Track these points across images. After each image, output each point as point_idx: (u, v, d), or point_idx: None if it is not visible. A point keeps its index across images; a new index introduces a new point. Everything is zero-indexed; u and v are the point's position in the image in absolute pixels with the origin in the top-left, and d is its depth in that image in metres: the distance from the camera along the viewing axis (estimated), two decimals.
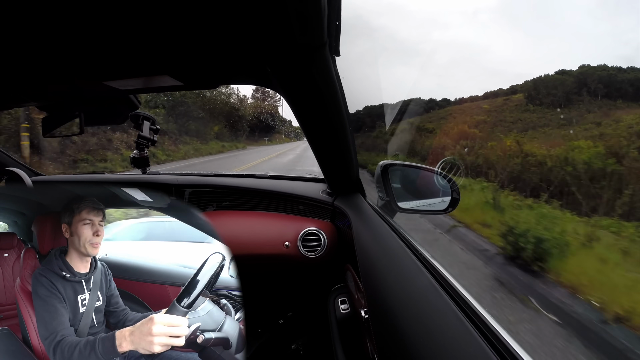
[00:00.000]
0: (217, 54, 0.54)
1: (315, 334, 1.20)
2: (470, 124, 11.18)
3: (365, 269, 0.67)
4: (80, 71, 0.62)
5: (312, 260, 1.03)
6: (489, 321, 0.39)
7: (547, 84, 12.92)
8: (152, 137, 1.21)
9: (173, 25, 0.43)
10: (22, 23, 0.42)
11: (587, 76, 12.15)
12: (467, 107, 14.15)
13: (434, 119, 13.82)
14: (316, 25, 0.40)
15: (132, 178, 1.41)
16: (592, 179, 5.18)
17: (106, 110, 0.93)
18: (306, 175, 1.43)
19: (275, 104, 31.50)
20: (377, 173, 1.05)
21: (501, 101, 14.23)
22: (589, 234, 3.58)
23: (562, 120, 10.90)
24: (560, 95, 12.35)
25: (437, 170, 1.03)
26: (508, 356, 0.33)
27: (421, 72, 19.47)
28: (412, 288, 0.51)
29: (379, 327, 0.51)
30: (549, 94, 12.55)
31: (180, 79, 0.66)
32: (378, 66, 17.47)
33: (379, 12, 42.64)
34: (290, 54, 0.48)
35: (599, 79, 11.86)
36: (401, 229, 0.77)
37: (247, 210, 1.23)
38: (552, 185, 5.57)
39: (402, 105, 9.83)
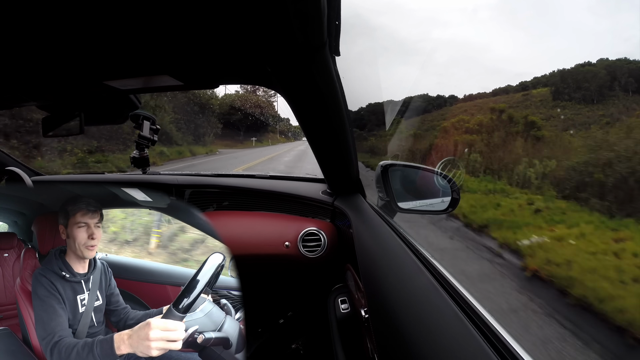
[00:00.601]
0: (217, 53, 0.54)
1: (315, 334, 1.20)
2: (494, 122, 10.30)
3: (365, 268, 0.67)
4: (80, 71, 0.62)
5: (312, 260, 1.03)
6: (489, 321, 0.38)
7: (576, 77, 11.63)
8: (152, 137, 1.21)
9: (173, 25, 0.43)
10: (22, 23, 0.42)
11: (615, 69, 11.03)
12: (483, 103, 13.34)
13: (448, 116, 13.07)
14: (316, 25, 0.40)
15: (132, 178, 1.41)
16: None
17: (106, 110, 0.93)
18: (306, 175, 1.43)
19: (269, 99, 27.12)
20: (377, 173, 1.05)
21: (520, 97, 13.24)
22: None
23: (605, 117, 9.47)
24: (593, 89, 11.08)
25: (437, 170, 1.03)
26: (508, 356, 0.33)
27: (421, 71, 19.43)
28: (412, 288, 0.51)
29: (379, 326, 0.51)
30: (579, 88, 11.36)
31: (180, 78, 0.66)
32: (378, 65, 17.45)
33: (379, 10, 42.64)
34: (290, 54, 0.48)
35: (629, 72, 10.75)
36: (401, 229, 0.77)
37: (247, 211, 1.23)
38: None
39: (408, 104, 9.61)
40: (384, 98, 18.72)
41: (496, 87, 14.34)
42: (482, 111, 11.81)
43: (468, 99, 14.34)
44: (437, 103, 14.63)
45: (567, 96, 11.68)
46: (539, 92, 12.97)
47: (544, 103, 12.23)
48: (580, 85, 11.38)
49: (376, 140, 12.94)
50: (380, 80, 15.72)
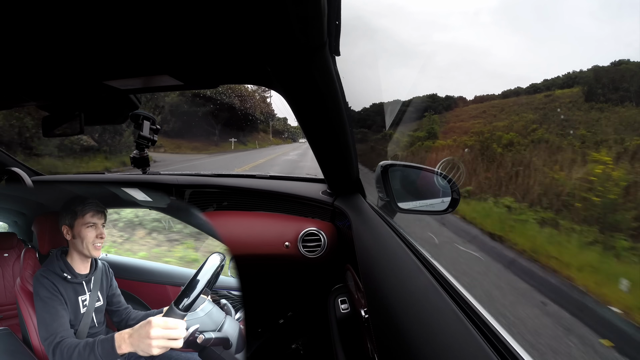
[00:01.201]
0: (217, 53, 0.54)
1: (315, 334, 1.20)
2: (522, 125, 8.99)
3: (365, 269, 0.67)
4: (80, 71, 0.62)
5: (312, 261, 1.03)
6: (489, 321, 0.39)
7: (612, 77, 10.03)
8: (152, 137, 1.21)
9: (173, 25, 0.43)
10: (23, 23, 0.42)
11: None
12: (502, 104, 12.45)
13: (464, 117, 12.45)
14: (316, 25, 0.40)
15: (132, 178, 1.41)
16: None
17: (106, 110, 0.93)
18: (306, 175, 1.43)
19: (263, 93, 21.83)
20: (377, 173, 1.05)
21: (541, 97, 11.97)
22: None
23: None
24: (633, 90, 9.52)
25: (437, 170, 1.02)
26: (508, 356, 0.33)
27: (421, 74, 19.38)
28: (412, 288, 0.51)
29: (379, 326, 0.51)
30: (616, 89, 9.82)
31: (180, 78, 0.66)
32: (378, 68, 17.41)
33: (380, 13, 42.69)
34: (290, 54, 0.48)
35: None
36: (401, 229, 0.77)
37: (247, 211, 1.23)
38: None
39: (418, 104, 9.18)
40: (384, 100, 18.64)
41: (505, 89, 13.80)
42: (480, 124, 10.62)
43: (480, 100, 13.66)
44: (448, 104, 14.28)
45: (603, 97, 10.15)
46: (566, 93, 11.48)
47: (575, 105, 10.61)
48: (618, 86, 9.89)
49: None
50: (380, 82, 15.67)
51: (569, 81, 12.77)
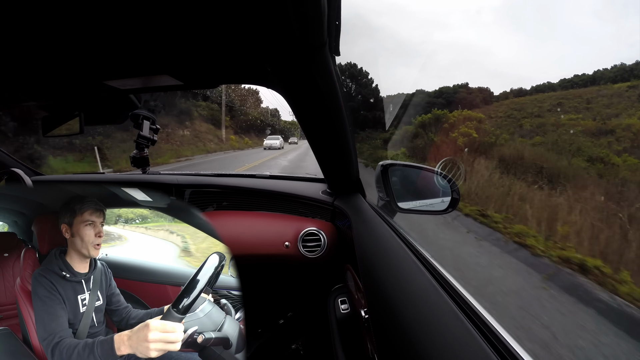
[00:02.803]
0: (217, 53, 0.54)
1: (315, 334, 1.20)
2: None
3: (365, 269, 0.67)
4: (80, 71, 0.62)
5: (312, 261, 1.03)
6: (489, 321, 0.38)
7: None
8: (152, 136, 1.21)
9: (173, 25, 0.43)
10: (23, 22, 0.42)
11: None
12: (538, 101, 11.54)
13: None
14: (316, 25, 0.40)
15: (132, 178, 1.41)
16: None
17: (106, 110, 0.93)
18: (306, 175, 1.43)
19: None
20: (377, 173, 1.05)
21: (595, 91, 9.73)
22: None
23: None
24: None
25: (437, 170, 1.02)
26: (508, 356, 0.33)
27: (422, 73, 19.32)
28: (412, 288, 0.51)
29: (379, 327, 0.51)
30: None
31: (180, 78, 0.66)
32: (378, 67, 17.39)
33: (380, 11, 42.64)
34: (290, 54, 0.48)
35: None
36: (401, 229, 0.77)
37: (247, 211, 1.23)
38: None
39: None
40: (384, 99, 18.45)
41: (514, 88, 13.01)
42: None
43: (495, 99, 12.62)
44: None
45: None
46: (619, 87, 9.37)
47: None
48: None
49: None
50: (380, 82, 15.66)
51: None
